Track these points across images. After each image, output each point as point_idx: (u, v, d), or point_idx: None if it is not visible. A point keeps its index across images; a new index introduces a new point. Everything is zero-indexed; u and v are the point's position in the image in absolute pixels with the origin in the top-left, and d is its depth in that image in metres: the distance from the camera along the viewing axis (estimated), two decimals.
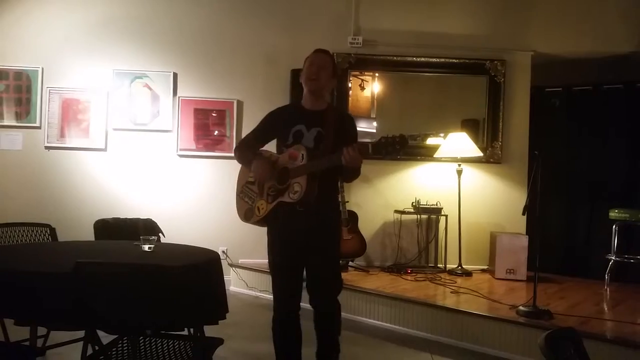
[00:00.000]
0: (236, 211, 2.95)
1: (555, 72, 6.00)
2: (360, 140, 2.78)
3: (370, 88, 5.91)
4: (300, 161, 2.63)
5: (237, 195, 2.96)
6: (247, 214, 2.87)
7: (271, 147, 2.97)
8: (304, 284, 2.84)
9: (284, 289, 2.79)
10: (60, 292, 2.12)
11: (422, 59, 5.71)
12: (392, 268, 5.40)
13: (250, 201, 2.85)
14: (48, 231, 3.34)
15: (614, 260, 4.96)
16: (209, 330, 2.22)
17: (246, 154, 2.86)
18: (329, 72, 2.77)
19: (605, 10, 5.71)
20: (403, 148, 2.48)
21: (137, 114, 5.58)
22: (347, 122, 2.85)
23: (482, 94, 5.78)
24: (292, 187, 2.63)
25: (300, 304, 2.83)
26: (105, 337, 2.21)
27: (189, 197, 5.61)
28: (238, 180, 2.99)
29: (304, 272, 2.81)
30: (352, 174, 2.73)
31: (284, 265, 2.78)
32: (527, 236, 5.22)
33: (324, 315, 2.83)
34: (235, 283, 5.41)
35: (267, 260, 2.85)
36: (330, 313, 2.84)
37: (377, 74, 5.87)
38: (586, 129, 5.90)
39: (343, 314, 4.23)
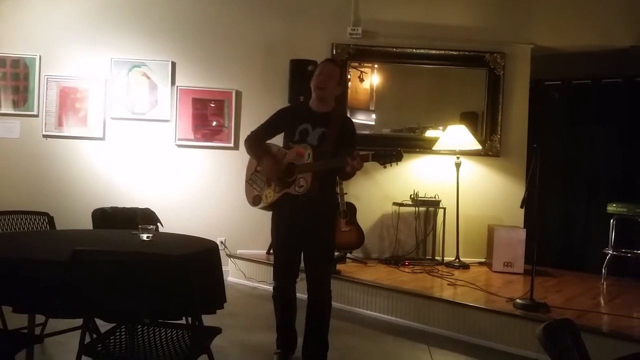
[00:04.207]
0: (245, 196, 3.23)
1: (554, 66, 5.99)
2: (359, 132, 3.17)
3: (369, 80, 5.89)
4: (307, 159, 2.94)
5: (247, 182, 3.23)
6: (255, 199, 3.17)
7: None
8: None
9: (284, 265, 3.14)
10: (58, 281, 2.11)
11: (422, 51, 5.70)
12: (389, 260, 5.40)
13: (258, 188, 3.15)
14: (46, 219, 3.32)
15: (611, 254, 4.96)
16: (207, 320, 2.22)
17: (255, 147, 3.14)
18: (335, 81, 3.05)
19: (605, 4, 5.69)
20: (399, 160, 2.86)
21: (135, 103, 5.55)
22: (348, 124, 3.15)
23: (481, 87, 5.77)
24: (298, 181, 2.96)
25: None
26: (103, 326, 2.21)
27: (187, 187, 5.60)
28: (247, 168, 3.25)
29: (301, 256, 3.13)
30: (350, 176, 3.03)
31: (285, 244, 3.11)
32: (525, 229, 5.23)
33: (316, 303, 3.08)
34: (234, 274, 5.42)
35: (270, 243, 3.23)
36: (321, 300, 3.08)
37: (376, 66, 5.84)
38: (585, 123, 5.89)
39: (340, 305, 4.38)
